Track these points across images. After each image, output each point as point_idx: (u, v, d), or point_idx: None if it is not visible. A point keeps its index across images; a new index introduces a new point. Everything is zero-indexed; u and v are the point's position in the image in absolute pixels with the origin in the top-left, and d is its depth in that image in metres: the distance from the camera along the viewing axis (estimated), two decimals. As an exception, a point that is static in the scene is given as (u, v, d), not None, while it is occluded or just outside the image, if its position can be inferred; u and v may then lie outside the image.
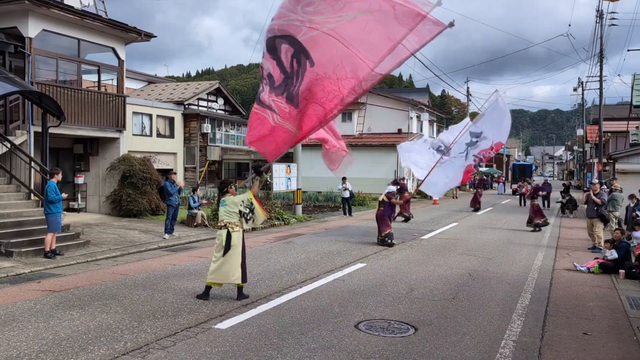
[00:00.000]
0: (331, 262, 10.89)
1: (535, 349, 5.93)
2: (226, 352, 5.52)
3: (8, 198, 12.83)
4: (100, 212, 18.58)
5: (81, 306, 7.21)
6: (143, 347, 5.62)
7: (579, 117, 60.83)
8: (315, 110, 6.27)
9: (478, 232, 16.97)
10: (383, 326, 6.58)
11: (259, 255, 11.75)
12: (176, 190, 14.36)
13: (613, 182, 16.68)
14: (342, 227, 17.73)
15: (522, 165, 58.70)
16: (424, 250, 12.86)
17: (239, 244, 7.57)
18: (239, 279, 7.59)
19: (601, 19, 31.42)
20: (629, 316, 7.47)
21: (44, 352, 5.41)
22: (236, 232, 7.56)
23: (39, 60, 15.75)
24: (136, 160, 18.39)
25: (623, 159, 22.75)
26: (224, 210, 7.61)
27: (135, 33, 18.17)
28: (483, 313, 7.31)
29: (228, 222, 7.56)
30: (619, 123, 33.77)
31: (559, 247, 14.17)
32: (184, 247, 12.97)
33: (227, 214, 7.58)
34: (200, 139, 30.35)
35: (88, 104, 17.02)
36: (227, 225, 7.54)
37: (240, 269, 7.60)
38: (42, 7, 14.93)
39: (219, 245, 7.58)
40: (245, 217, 7.56)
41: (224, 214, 7.60)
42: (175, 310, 7.09)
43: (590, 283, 9.59)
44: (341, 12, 5.74)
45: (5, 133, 14.28)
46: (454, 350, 5.77)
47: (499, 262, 11.41)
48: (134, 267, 10.26)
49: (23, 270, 9.56)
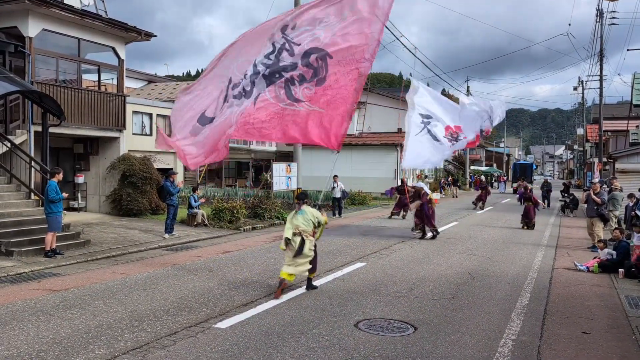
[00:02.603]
0: (331, 262, 10.91)
1: (535, 348, 5.95)
2: (226, 351, 5.53)
3: (8, 197, 12.85)
4: (101, 211, 18.59)
5: (81, 305, 7.23)
6: (143, 346, 5.64)
7: (579, 116, 60.86)
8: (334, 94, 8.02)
9: (478, 231, 16.98)
10: (383, 325, 6.59)
11: (259, 254, 11.76)
12: (177, 190, 14.40)
13: (613, 182, 16.68)
14: (342, 226, 17.74)
15: (523, 165, 58.68)
16: (424, 250, 12.87)
17: (309, 253, 8.11)
18: (306, 272, 8.24)
19: (601, 18, 31.42)
20: (628, 315, 7.48)
21: (44, 352, 5.43)
22: (309, 240, 8.07)
23: (39, 60, 15.76)
24: (136, 159, 18.40)
25: (623, 158, 22.78)
26: (302, 218, 8.12)
27: (135, 32, 18.18)
28: (482, 312, 7.33)
29: (303, 230, 8.04)
30: (619, 122, 33.77)
31: (558, 246, 14.18)
32: (184, 246, 12.98)
33: (305, 222, 8.10)
34: (201, 139, 30.31)
35: (88, 103, 17.03)
36: (302, 233, 8.02)
37: (310, 264, 8.20)
38: (42, 6, 14.93)
39: (293, 248, 8.02)
40: (316, 227, 8.25)
41: (302, 221, 8.10)
42: (175, 309, 7.11)
43: (589, 282, 9.60)
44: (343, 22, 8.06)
45: (6, 132, 14.29)
46: (453, 350, 5.78)
47: (499, 262, 11.42)
48: (134, 266, 10.28)
49: (23, 269, 9.57)
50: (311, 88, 8.09)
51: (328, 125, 8.02)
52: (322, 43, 8.05)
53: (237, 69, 8.74)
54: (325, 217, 8.49)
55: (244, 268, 10.17)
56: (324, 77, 8.02)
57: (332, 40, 8.00)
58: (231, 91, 8.71)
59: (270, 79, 8.38)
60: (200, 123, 8.88)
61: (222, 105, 8.77)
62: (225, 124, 8.56)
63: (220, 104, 8.80)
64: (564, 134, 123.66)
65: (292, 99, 8.19)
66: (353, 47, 7.86)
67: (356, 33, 7.90)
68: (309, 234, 8.09)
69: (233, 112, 8.52)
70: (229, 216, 16.47)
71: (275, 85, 8.31)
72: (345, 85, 7.92)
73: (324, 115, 8.03)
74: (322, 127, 8.07)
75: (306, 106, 8.10)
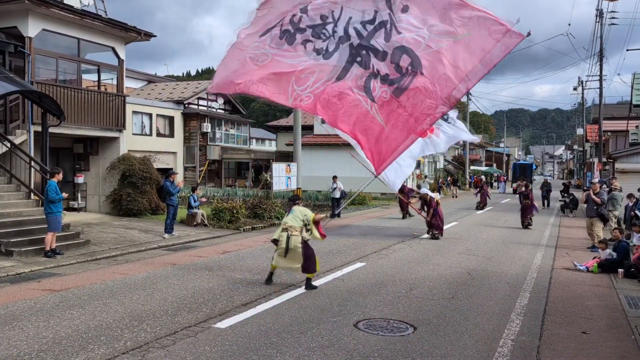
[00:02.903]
0: (330, 262, 10.91)
1: (534, 348, 5.95)
2: (225, 351, 5.54)
3: (8, 197, 12.85)
4: (100, 211, 18.60)
5: (81, 305, 7.23)
6: (143, 346, 5.64)
7: (579, 117, 60.82)
8: (403, 117, 7.16)
9: (477, 231, 16.99)
10: (382, 325, 6.60)
11: (259, 254, 11.76)
12: (177, 190, 14.41)
13: (613, 182, 16.69)
14: (342, 226, 17.74)
15: (523, 165, 58.73)
16: (424, 250, 12.87)
17: (297, 248, 8.27)
18: (299, 270, 8.39)
19: (601, 18, 31.42)
20: (627, 315, 7.49)
21: (44, 351, 5.43)
22: (294, 237, 8.27)
23: (39, 60, 15.77)
24: (136, 159, 18.41)
25: (623, 158, 22.80)
26: (291, 216, 8.47)
27: (135, 32, 18.19)
28: (482, 312, 7.33)
29: (290, 226, 8.34)
30: (619, 122, 33.78)
31: (558, 246, 14.18)
32: (183, 246, 12.99)
33: (293, 219, 8.43)
34: (200, 138, 30.37)
35: (88, 103, 17.04)
36: (288, 229, 8.31)
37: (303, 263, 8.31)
38: (42, 6, 14.94)
39: (281, 246, 8.37)
40: (305, 227, 8.43)
41: (290, 218, 8.45)
42: (175, 309, 7.11)
43: (589, 282, 9.61)
44: (452, 35, 7.00)
45: (5, 133, 14.29)
46: (452, 349, 5.79)
47: (498, 262, 11.43)
48: (134, 266, 10.28)
49: (23, 269, 9.58)
50: (387, 93, 7.15)
51: (381, 145, 7.24)
52: (422, 52, 6.98)
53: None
54: (319, 216, 8.67)
55: (244, 268, 10.17)
56: (404, 88, 7.05)
57: (433, 56, 6.92)
58: (309, 30, 7.51)
59: (355, 54, 7.35)
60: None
61: (293, 36, 7.54)
62: (289, 72, 7.47)
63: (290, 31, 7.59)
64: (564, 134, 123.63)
65: (368, 93, 7.25)
66: (447, 79, 6.80)
67: (456, 67, 6.83)
68: (295, 230, 8.32)
69: (308, 70, 7.42)
70: (228, 216, 16.47)
71: (357, 66, 7.31)
72: (417, 116, 6.98)
73: (384, 130, 7.19)
74: (377, 141, 7.28)
75: (373, 110, 7.22)
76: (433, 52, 6.97)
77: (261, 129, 64.08)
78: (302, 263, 8.32)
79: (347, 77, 7.36)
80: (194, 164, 30.28)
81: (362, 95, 7.31)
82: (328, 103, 7.36)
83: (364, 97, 7.29)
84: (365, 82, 7.29)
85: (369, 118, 7.30)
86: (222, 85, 7.90)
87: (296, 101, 7.53)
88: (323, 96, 7.37)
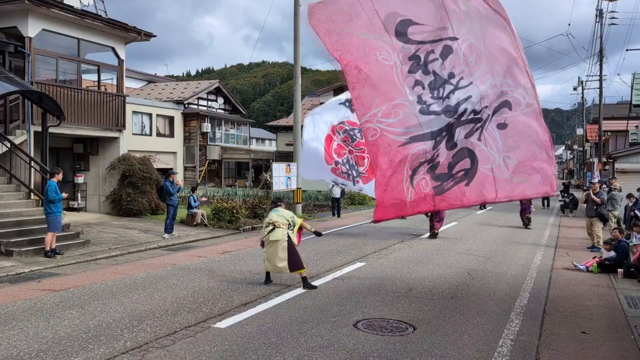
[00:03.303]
0: (330, 261, 10.92)
1: (533, 348, 5.95)
2: (225, 351, 5.54)
3: (8, 197, 12.86)
4: (100, 211, 18.60)
5: (81, 305, 7.24)
6: (142, 346, 5.64)
7: (579, 116, 60.84)
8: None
9: (477, 230, 16.99)
10: (382, 325, 6.60)
11: (259, 254, 11.74)
12: (177, 190, 14.42)
13: (612, 182, 16.70)
14: (341, 226, 17.75)
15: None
16: (423, 250, 12.88)
17: (281, 238, 8.37)
18: (286, 269, 8.38)
19: (601, 18, 31.45)
20: (627, 315, 7.49)
21: (44, 351, 5.44)
22: (280, 229, 8.41)
23: (39, 60, 15.77)
24: (136, 159, 18.41)
25: (622, 158, 22.82)
26: (276, 214, 8.63)
27: (135, 32, 18.20)
28: (481, 312, 7.33)
29: (276, 221, 8.48)
30: (619, 122, 33.80)
31: (558, 246, 14.18)
32: (183, 246, 12.99)
33: (278, 216, 8.57)
34: (200, 138, 30.39)
35: (88, 103, 17.04)
36: (274, 223, 8.45)
37: (288, 260, 8.34)
38: (42, 6, 14.94)
39: (267, 238, 8.48)
40: (290, 226, 8.59)
41: (275, 215, 8.59)
42: (175, 309, 7.12)
43: (588, 282, 9.61)
44: (511, 176, 6.95)
45: (5, 133, 14.30)
46: (452, 349, 5.79)
47: (498, 261, 11.43)
48: (134, 266, 10.29)
49: (23, 269, 9.58)
50: (427, 186, 6.94)
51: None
52: (482, 167, 6.88)
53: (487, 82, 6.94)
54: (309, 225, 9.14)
55: (244, 268, 10.18)
56: (444, 190, 6.91)
57: (484, 179, 6.88)
58: (430, 76, 6.90)
59: (440, 133, 6.93)
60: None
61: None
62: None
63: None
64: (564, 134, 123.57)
65: (412, 176, 6.94)
66: (475, 201, 7.14)
67: (487, 198, 7.02)
68: (282, 224, 8.46)
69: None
70: (228, 216, 16.48)
71: (431, 143, 6.91)
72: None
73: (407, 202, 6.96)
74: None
75: (410, 194, 6.95)
76: (488, 176, 6.91)
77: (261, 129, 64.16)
78: (287, 260, 8.33)
79: (415, 147, 6.88)
80: (194, 164, 30.29)
81: (408, 174, 6.91)
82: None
83: (407, 177, 6.90)
84: (417, 166, 6.91)
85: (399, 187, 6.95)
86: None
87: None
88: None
